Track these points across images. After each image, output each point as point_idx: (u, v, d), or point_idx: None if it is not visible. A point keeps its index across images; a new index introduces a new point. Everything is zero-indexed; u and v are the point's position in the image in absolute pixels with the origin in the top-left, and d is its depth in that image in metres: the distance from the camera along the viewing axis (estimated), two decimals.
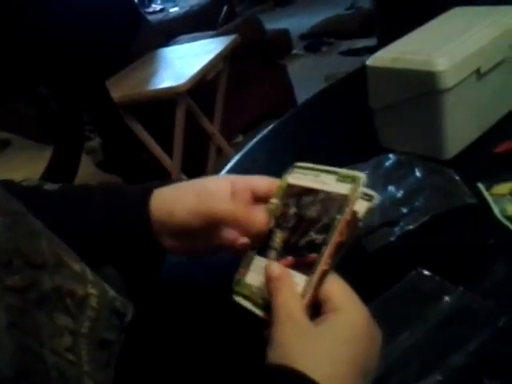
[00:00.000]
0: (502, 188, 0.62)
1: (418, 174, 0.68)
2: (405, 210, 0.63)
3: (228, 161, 0.92)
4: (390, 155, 0.74)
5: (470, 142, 0.71)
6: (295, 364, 0.35)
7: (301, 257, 0.42)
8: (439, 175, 0.67)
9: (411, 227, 0.61)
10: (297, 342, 0.37)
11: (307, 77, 3.28)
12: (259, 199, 0.49)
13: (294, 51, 3.76)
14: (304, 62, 3.73)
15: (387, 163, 0.73)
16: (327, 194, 0.44)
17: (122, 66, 2.22)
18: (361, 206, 0.42)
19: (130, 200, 0.52)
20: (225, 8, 3.81)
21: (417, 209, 0.63)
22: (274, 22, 4.40)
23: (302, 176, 0.48)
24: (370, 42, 3.37)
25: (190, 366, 0.52)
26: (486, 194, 0.62)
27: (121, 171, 1.53)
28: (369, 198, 0.42)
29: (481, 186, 0.64)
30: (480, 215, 0.61)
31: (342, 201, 0.42)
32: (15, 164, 3.18)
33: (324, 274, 0.40)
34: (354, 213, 0.41)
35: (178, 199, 0.50)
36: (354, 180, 0.43)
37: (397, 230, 0.61)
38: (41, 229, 0.43)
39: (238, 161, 0.90)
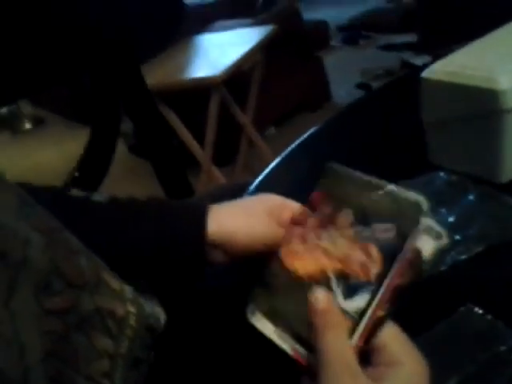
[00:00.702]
0: None
1: (471, 197, 0.64)
2: (457, 237, 0.59)
3: (265, 164, 0.89)
4: (441, 174, 0.70)
5: None
6: None
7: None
8: (494, 201, 0.63)
9: (464, 257, 0.57)
10: None
11: (343, 70, 3.21)
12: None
13: (332, 43, 3.69)
14: (341, 55, 3.65)
15: (438, 182, 0.69)
16: (376, 214, 0.36)
17: (155, 52, 2.19)
18: (426, 244, 0.36)
19: (185, 218, 0.50)
20: None
21: (470, 237, 0.59)
22: (313, 10, 4.31)
23: (342, 184, 0.40)
24: (410, 37, 3.28)
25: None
26: None
27: (151, 157, 1.51)
28: (437, 235, 0.37)
29: None
30: None
31: (398, 232, 0.35)
32: (48, 142, 3.21)
33: (379, 321, 0.35)
34: (418, 251, 0.36)
35: (237, 221, 0.49)
36: (415, 207, 0.35)
37: (448, 258, 0.58)
38: (79, 246, 0.41)
39: (276, 167, 0.87)
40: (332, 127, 0.97)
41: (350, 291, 0.36)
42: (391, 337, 0.36)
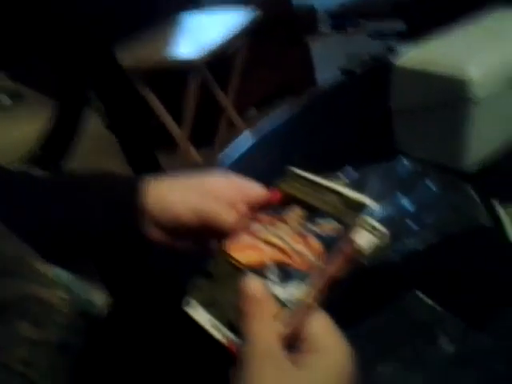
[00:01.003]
0: None
1: (432, 186, 0.63)
2: (413, 226, 0.59)
3: (236, 142, 0.87)
4: (405, 161, 0.69)
5: (493, 157, 0.66)
6: None
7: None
8: (455, 190, 0.62)
9: (418, 246, 0.56)
10: None
11: (330, 56, 3.18)
12: (251, 209, 0.45)
13: (320, 29, 3.65)
14: (329, 41, 3.62)
15: (401, 169, 0.68)
16: (324, 213, 0.37)
17: (138, 30, 2.14)
18: (365, 241, 0.36)
19: (123, 190, 0.48)
20: None
21: (427, 226, 0.58)
22: None
23: (298, 186, 0.41)
24: (399, 25, 3.26)
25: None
26: (503, 215, 0.58)
27: (118, 135, 1.47)
28: (379, 234, 0.36)
29: (499, 206, 0.59)
30: (494, 240, 0.56)
31: (343, 230, 0.36)
32: (24, 119, 3.14)
33: (309, 310, 0.35)
34: (355, 247, 0.36)
35: (175, 195, 0.47)
36: (359, 206, 0.36)
37: (400, 245, 0.57)
38: (3, 231, 0.39)
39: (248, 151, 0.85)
40: (303, 112, 0.96)
41: (286, 279, 0.36)
42: (319, 325, 0.35)
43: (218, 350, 0.36)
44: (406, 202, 0.62)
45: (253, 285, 0.36)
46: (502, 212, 0.58)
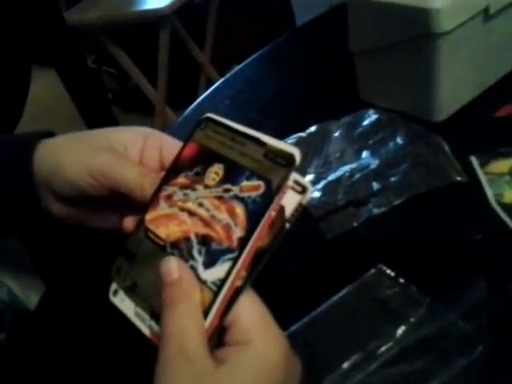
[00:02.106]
0: (500, 165, 0.50)
1: (399, 139, 0.56)
2: (377, 187, 0.51)
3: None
4: (371, 112, 0.61)
5: (465, 103, 0.58)
6: None
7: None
8: (424, 143, 0.54)
9: (382, 210, 0.49)
10: None
11: (311, 3, 3.03)
12: (164, 164, 0.38)
13: None
14: None
15: (365, 122, 0.60)
16: (246, 170, 0.31)
17: None
18: (289, 201, 0.29)
19: (8, 154, 0.40)
20: None
21: (391, 186, 0.51)
22: None
23: (217, 137, 0.35)
24: None
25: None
26: (479, 171, 0.50)
27: (81, 101, 1.37)
28: (301, 189, 0.29)
29: (474, 160, 0.51)
30: (469, 199, 0.48)
31: (266, 189, 0.30)
32: None
33: (236, 292, 0.29)
34: (282, 209, 0.29)
35: (67, 152, 0.38)
36: (287, 160, 0.30)
37: (364, 211, 0.49)
38: None
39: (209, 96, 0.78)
40: (263, 60, 0.87)
41: (212, 259, 0.31)
42: (245, 311, 0.29)
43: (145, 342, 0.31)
44: (370, 159, 0.55)
45: (172, 266, 0.30)
46: (478, 169, 0.50)
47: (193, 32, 2.14)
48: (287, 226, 0.30)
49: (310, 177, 0.55)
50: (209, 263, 0.30)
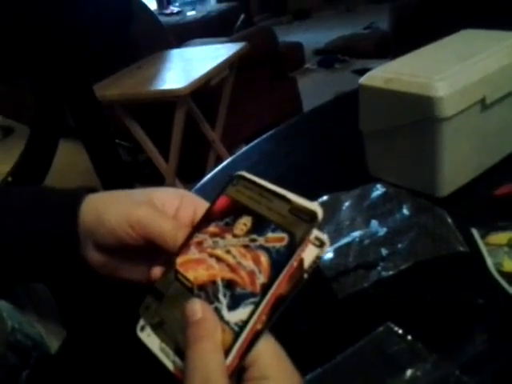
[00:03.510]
0: (499, 237, 0.54)
1: (405, 211, 0.60)
2: (385, 252, 0.55)
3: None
4: (378, 185, 0.66)
5: (467, 181, 0.63)
6: None
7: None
8: (429, 215, 0.59)
9: (390, 273, 0.53)
10: None
11: (318, 92, 3.20)
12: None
13: (307, 65, 3.70)
14: (316, 77, 3.66)
15: (373, 194, 0.65)
16: (272, 223, 0.34)
17: (119, 65, 2.16)
18: (309, 253, 0.33)
19: (56, 204, 0.44)
20: (242, 16, 3.76)
21: (399, 252, 0.55)
22: (291, 35, 4.35)
23: (247, 192, 0.38)
24: (385, 62, 3.30)
25: None
26: (480, 242, 0.54)
27: (92, 157, 1.44)
28: (319, 243, 0.33)
29: (475, 232, 0.55)
30: (471, 268, 0.52)
31: (289, 241, 0.33)
32: (15, 151, 3.12)
33: (256, 334, 0.31)
34: (301, 261, 0.33)
35: (110, 205, 0.42)
36: (310, 216, 0.33)
37: (373, 274, 0.53)
38: None
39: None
40: (279, 138, 0.94)
41: (236, 302, 0.33)
42: (264, 351, 0.32)
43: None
44: (378, 228, 0.59)
45: (196, 307, 0.32)
46: (479, 240, 0.54)
47: (205, 111, 2.26)
48: (305, 276, 0.32)
49: None
50: (232, 306, 0.33)
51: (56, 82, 0.99)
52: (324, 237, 0.33)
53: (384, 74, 0.62)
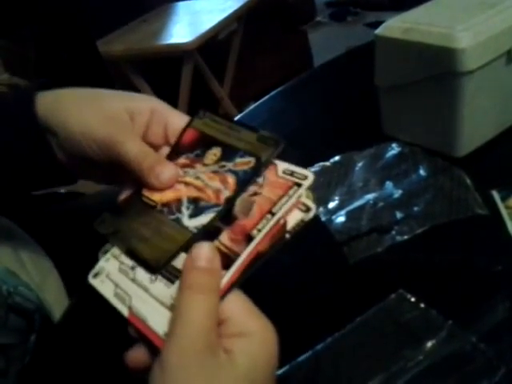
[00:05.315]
0: None
1: (421, 171, 0.57)
2: (400, 216, 0.52)
3: None
4: (394, 145, 0.63)
5: (487, 140, 0.59)
6: None
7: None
8: (447, 176, 0.56)
9: (404, 237, 0.50)
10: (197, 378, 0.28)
11: (329, 46, 3.10)
12: (168, 139, 0.40)
13: (318, 18, 3.57)
14: (327, 31, 3.54)
15: (388, 154, 0.62)
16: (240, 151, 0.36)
17: (123, 19, 2.09)
18: (293, 216, 0.33)
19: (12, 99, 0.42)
20: None
21: (415, 215, 0.52)
22: None
23: (216, 126, 0.39)
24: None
25: None
26: (500, 205, 0.51)
27: None
28: (305, 208, 0.33)
29: (495, 194, 0.53)
30: (490, 232, 0.50)
31: (256, 163, 0.35)
32: None
33: (229, 289, 0.31)
34: (284, 223, 0.33)
35: (77, 111, 0.40)
36: (274, 142, 0.35)
37: (387, 238, 0.51)
38: None
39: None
40: (287, 94, 0.90)
41: (198, 212, 0.35)
42: (236, 307, 0.31)
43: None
44: (393, 190, 0.57)
45: (203, 253, 0.31)
46: (500, 203, 0.52)
47: (214, 67, 2.20)
48: (287, 236, 0.32)
49: (333, 203, 0.56)
50: (194, 214, 0.35)
51: (57, 33, 0.95)
52: (311, 203, 0.33)
53: (402, 24, 0.58)
